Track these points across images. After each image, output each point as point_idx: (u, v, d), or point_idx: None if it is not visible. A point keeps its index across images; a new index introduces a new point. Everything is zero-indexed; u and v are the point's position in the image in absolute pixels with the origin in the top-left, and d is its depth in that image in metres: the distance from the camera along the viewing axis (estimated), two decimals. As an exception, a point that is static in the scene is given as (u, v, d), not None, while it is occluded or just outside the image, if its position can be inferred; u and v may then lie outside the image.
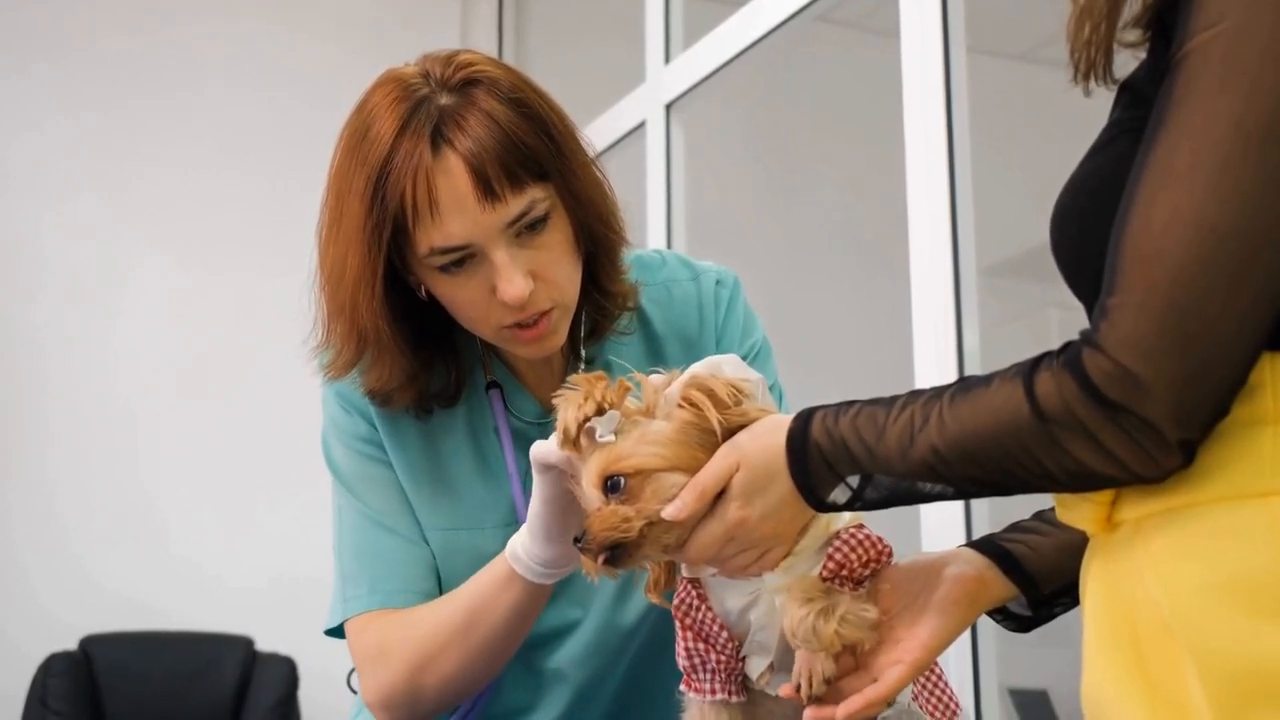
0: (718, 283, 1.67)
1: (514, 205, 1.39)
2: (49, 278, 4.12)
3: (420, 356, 1.52)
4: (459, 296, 1.44)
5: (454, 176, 1.37)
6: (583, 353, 1.59)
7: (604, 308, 1.57)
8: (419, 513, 1.57)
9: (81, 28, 4.25)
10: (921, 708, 1.30)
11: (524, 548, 1.41)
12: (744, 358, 1.61)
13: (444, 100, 1.39)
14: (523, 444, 1.58)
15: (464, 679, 1.49)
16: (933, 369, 2.59)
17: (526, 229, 1.41)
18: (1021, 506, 1.25)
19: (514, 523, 1.55)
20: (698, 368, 1.26)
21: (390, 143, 1.38)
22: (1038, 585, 1.27)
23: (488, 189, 1.37)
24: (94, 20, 4.27)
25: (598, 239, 1.51)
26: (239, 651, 3.85)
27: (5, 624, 3.88)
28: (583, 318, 1.57)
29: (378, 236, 1.39)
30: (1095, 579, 1.06)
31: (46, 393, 4.07)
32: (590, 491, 1.23)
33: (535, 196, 1.40)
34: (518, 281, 1.40)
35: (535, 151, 1.40)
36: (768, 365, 1.65)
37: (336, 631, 1.58)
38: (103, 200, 4.19)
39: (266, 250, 3.97)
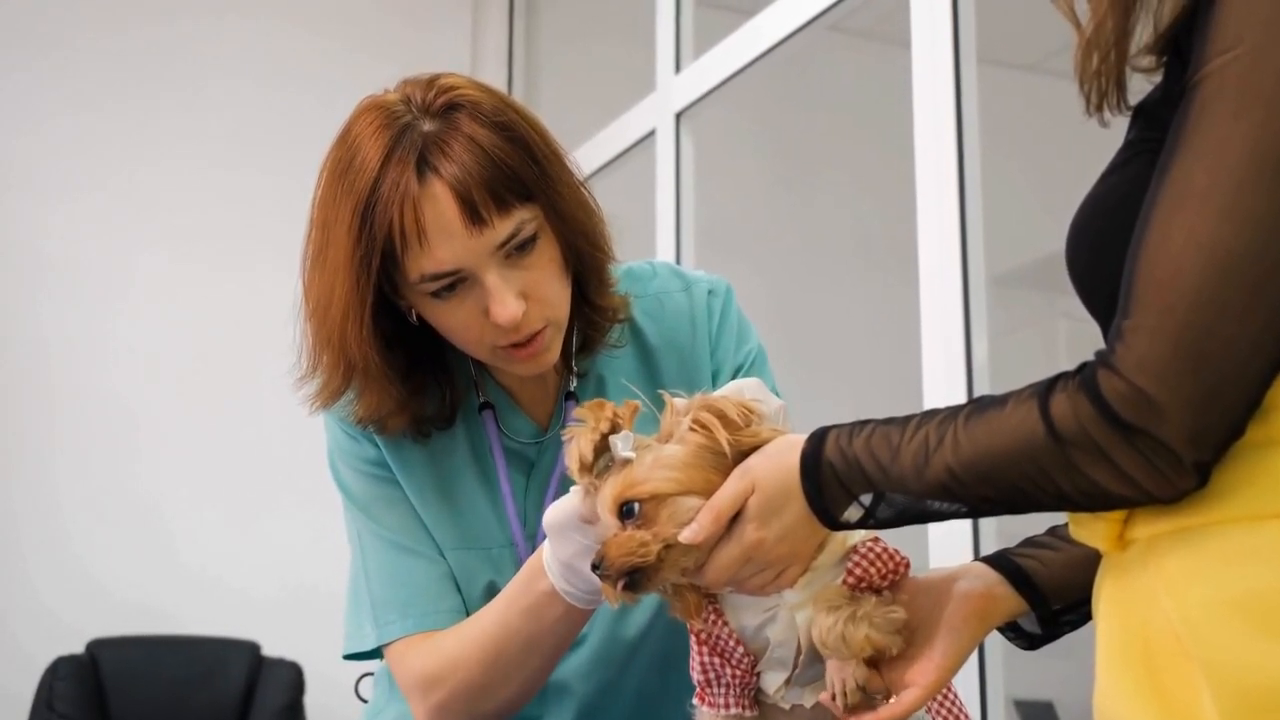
0: (710, 292, 1.67)
1: (502, 228, 1.39)
2: (53, 277, 4.11)
3: (411, 382, 1.52)
4: (452, 321, 1.45)
5: (440, 204, 1.37)
6: (574, 367, 1.59)
7: (594, 322, 1.57)
8: (431, 532, 1.58)
9: (85, 25, 4.25)
10: (933, 719, 1.30)
11: (570, 583, 1.40)
12: (739, 367, 1.62)
13: (427, 126, 1.40)
14: (518, 463, 1.59)
15: (522, 699, 1.51)
16: (941, 378, 2.59)
17: (515, 250, 1.41)
18: (1029, 522, 1.25)
19: (515, 543, 1.56)
20: (721, 391, 1.26)
21: (376, 172, 1.38)
22: (1047, 600, 1.27)
23: (474, 215, 1.37)
24: (97, 17, 4.26)
25: (584, 257, 1.51)
26: (245, 656, 3.85)
27: (12, 627, 3.88)
28: (574, 333, 1.57)
29: (366, 266, 1.39)
30: (1108, 596, 1.06)
31: (51, 395, 4.07)
32: (606, 518, 1.23)
33: (522, 218, 1.41)
34: (510, 303, 1.40)
35: (520, 173, 1.40)
36: (764, 372, 1.65)
37: (360, 655, 1.58)
38: (107, 198, 4.18)
39: (273, 249, 3.95)
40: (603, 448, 1.23)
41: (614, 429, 1.23)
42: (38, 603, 3.92)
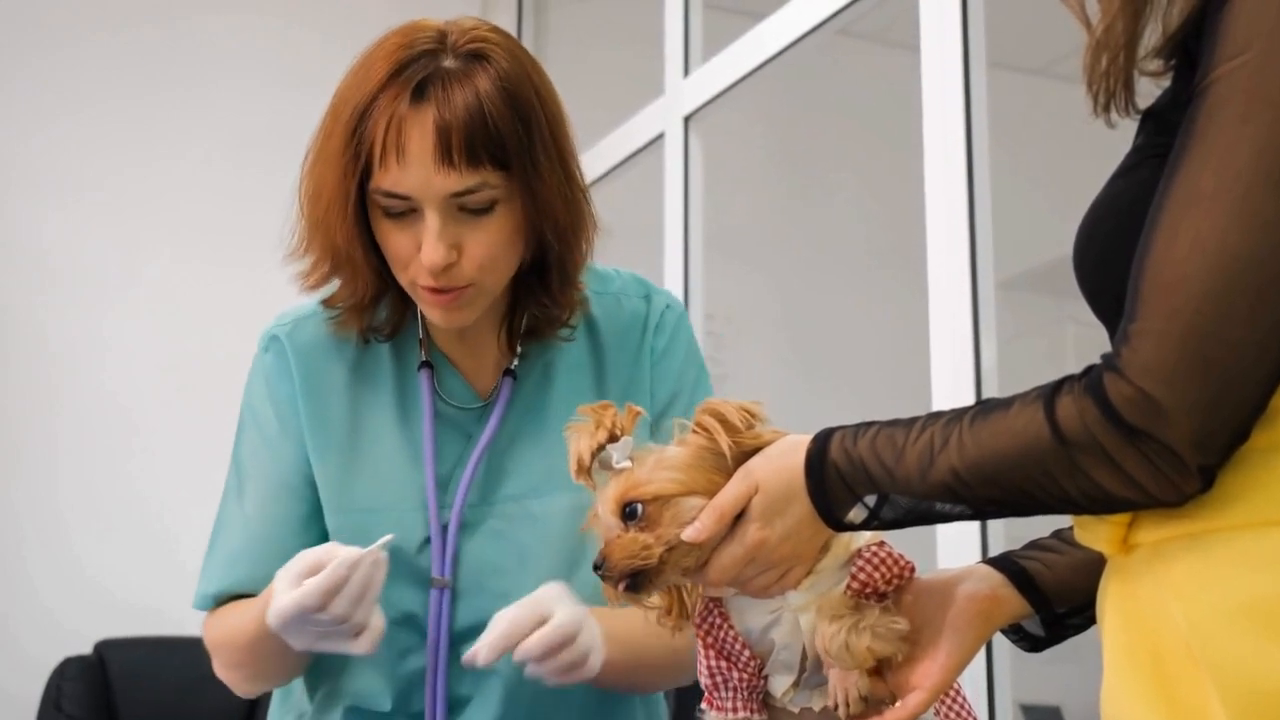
0: (667, 306, 1.70)
1: (464, 179, 1.43)
2: (54, 278, 4.10)
3: (385, 281, 1.56)
4: (390, 242, 1.50)
5: (423, 130, 1.42)
6: (516, 346, 1.62)
7: (547, 313, 1.61)
8: (330, 491, 1.60)
9: (84, 25, 4.24)
10: (943, 724, 1.30)
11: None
12: (677, 390, 1.66)
13: (446, 62, 1.46)
14: (448, 429, 1.61)
15: (288, 679, 1.65)
16: (950, 382, 2.59)
17: (469, 206, 1.46)
18: (1038, 524, 1.25)
19: (427, 507, 1.57)
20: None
21: (381, 82, 1.45)
22: (1051, 603, 1.27)
23: (445, 154, 1.42)
24: (99, 17, 4.26)
25: (549, 251, 1.54)
26: (253, 657, 3.85)
27: (19, 628, 3.89)
28: (521, 314, 1.61)
29: (354, 164, 1.46)
30: (1113, 601, 1.06)
31: (53, 396, 4.06)
32: (608, 519, 1.23)
33: (487, 181, 1.45)
34: (439, 249, 1.45)
35: (504, 139, 1.44)
36: (700, 391, 1.68)
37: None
38: (107, 198, 4.18)
39: (274, 248, 3.97)
40: (603, 450, 1.24)
41: (613, 437, 1.23)
42: (44, 605, 3.92)
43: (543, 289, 1.58)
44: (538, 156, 1.47)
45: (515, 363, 1.62)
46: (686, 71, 3.71)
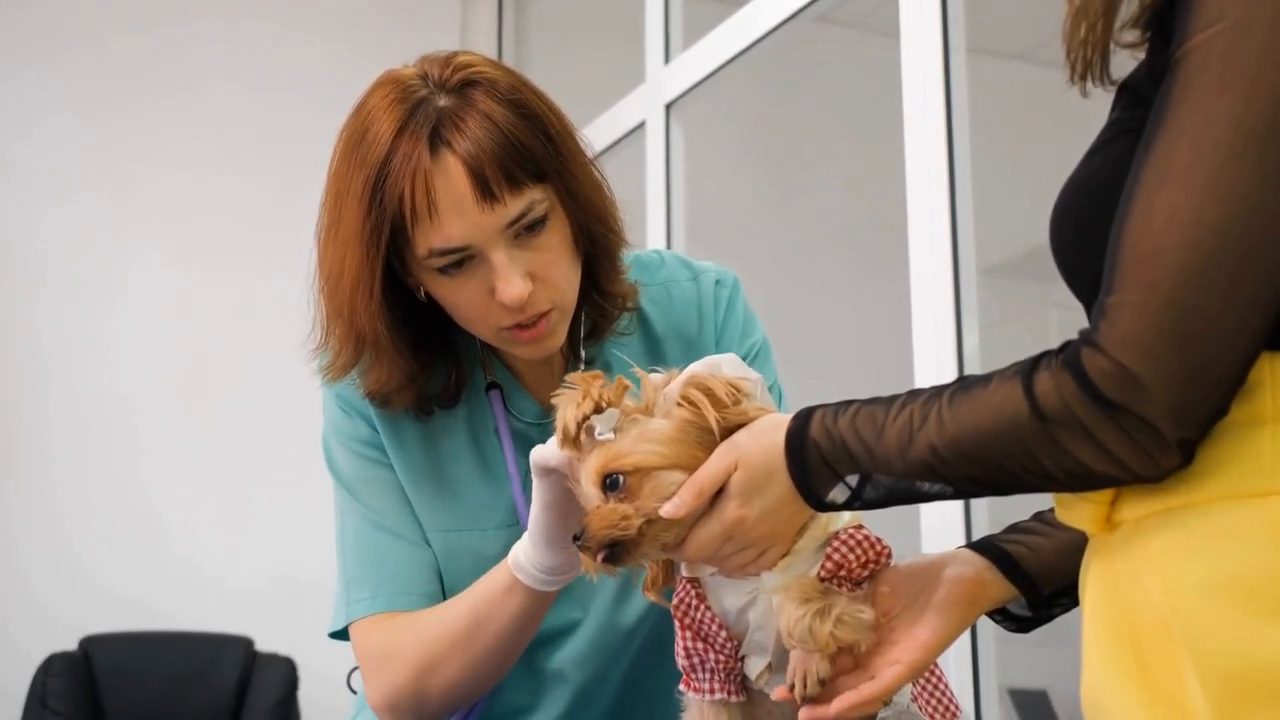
0: (717, 283, 1.67)
1: (513, 206, 1.39)
2: (49, 278, 4.12)
3: (419, 358, 1.52)
4: (458, 298, 1.45)
5: (452, 178, 1.37)
6: (583, 353, 1.59)
7: (603, 308, 1.57)
8: (420, 515, 1.57)
9: (82, 28, 4.26)
10: (921, 709, 1.29)
11: (526, 555, 1.41)
12: (743, 357, 1.62)
13: (442, 102, 1.40)
14: (523, 445, 1.58)
15: (469, 683, 1.50)
16: (932, 369, 2.59)
17: (525, 230, 1.41)
18: (1023, 506, 1.25)
19: (515, 524, 1.55)
20: (697, 367, 1.26)
21: (388, 144, 1.38)
22: (1037, 586, 1.27)
23: (486, 191, 1.37)
24: (95, 20, 4.27)
25: (597, 239, 1.51)
26: (239, 652, 3.84)
27: (5, 624, 3.88)
28: (582, 318, 1.57)
29: (376, 238, 1.39)
30: (1094, 579, 1.06)
31: (47, 392, 4.07)
32: (589, 490, 1.23)
33: (534, 198, 1.40)
34: (516, 283, 1.40)
35: (533, 152, 1.40)
36: (767, 365, 1.65)
37: (341, 634, 1.58)
38: (103, 200, 4.20)
39: (267, 250, 3.98)
40: (589, 420, 1.23)
41: (599, 408, 1.23)
42: (31, 599, 3.91)
43: (592, 285, 1.55)
44: (562, 152, 1.44)
45: (582, 369, 1.57)
46: (667, 59, 3.71)
